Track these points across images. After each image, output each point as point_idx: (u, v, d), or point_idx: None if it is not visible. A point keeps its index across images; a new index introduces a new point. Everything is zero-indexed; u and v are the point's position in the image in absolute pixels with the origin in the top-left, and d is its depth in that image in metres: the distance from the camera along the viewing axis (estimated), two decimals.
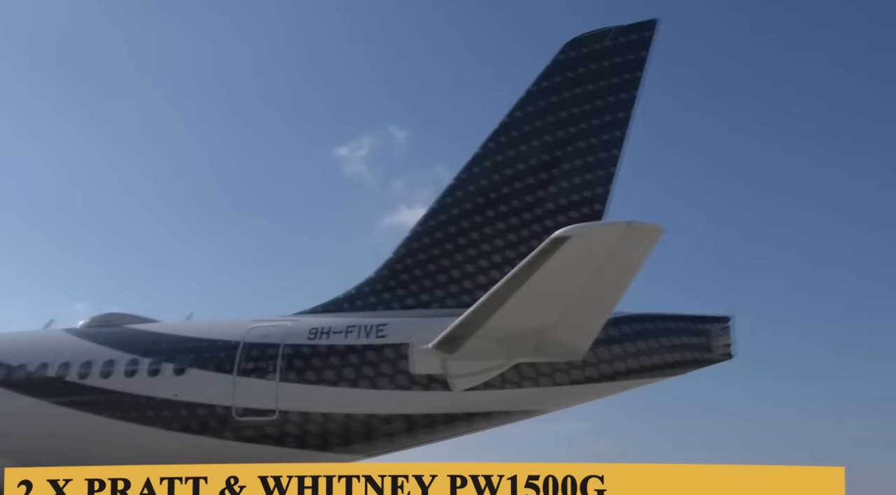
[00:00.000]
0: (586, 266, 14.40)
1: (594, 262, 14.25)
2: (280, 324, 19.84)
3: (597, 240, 14.08)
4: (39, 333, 23.34)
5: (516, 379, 18.16)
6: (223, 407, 18.98)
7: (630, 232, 13.29)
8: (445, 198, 20.56)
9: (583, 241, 13.82)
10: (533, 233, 19.36)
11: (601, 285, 14.87)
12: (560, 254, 13.81)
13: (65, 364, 20.42)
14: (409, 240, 20.53)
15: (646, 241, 13.70)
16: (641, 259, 14.19)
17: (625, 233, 13.34)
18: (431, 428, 19.26)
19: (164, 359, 19.82)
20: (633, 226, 13.18)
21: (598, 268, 14.32)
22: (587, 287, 14.90)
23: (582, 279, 14.74)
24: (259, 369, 19.02)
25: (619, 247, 13.68)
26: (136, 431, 19.45)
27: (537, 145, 20.21)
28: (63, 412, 20.07)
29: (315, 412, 18.85)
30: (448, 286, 19.76)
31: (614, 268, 14.33)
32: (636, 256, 14.10)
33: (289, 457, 19.39)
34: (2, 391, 20.60)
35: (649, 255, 14.03)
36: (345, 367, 18.71)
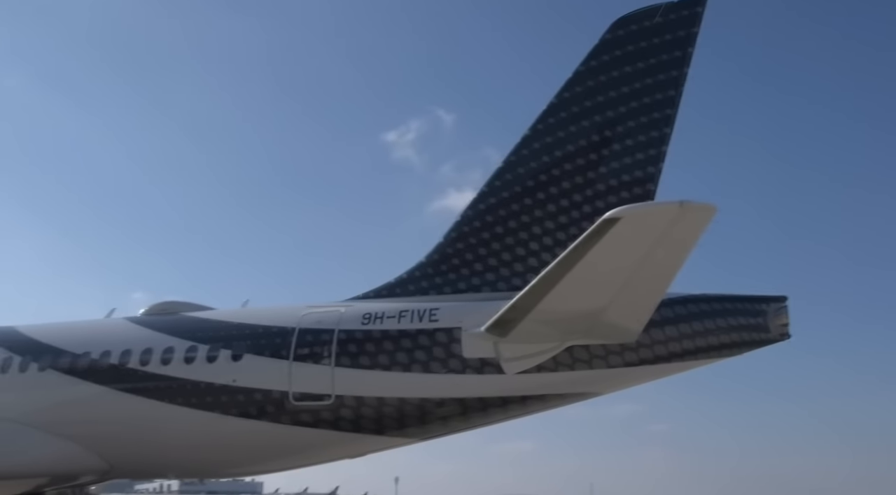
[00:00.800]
0: (638, 247, 14.26)
1: (646, 243, 14.11)
2: (334, 310, 20.10)
3: (649, 221, 13.92)
4: (102, 322, 24.04)
5: (569, 361, 18.13)
6: (280, 392, 19.33)
7: (682, 211, 13.11)
8: (495, 181, 20.53)
9: (634, 222, 13.68)
10: (584, 215, 19.24)
11: (654, 266, 14.72)
12: (611, 235, 13.70)
13: (126, 351, 21.02)
14: (459, 224, 20.58)
15: (699, 221, 13.51)
16: (694, 239, 14.00)
17: (677, 212, 13.16)
18: (485, 412, 19.35)
19: (222, 346, 20.26)
20: (686, 205, 12.99)
21: (650, 248, 14.18)
22: (639, 268, 14.77)
23: (634, 260, 14.62)
24: (314, 354, 19.31)
25: (672, 228, 13.51)
26: (196, 416, 19.94)
27: (587, 126, 20.03)
28: (126, 398, 20.69)
29: (369, 396, 19.08)
30: (499, 269, 19.77)
31: (667, 249, 14.18)
32: (689, 236, 13.92)
33: (344, 441, 19.73)
34: (68, 378, 21.33)
35: (702, 235, 13.84)
36: (398, 352, 18.89)
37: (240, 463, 22.56)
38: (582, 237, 14.18)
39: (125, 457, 21.62)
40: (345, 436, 19.50)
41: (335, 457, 21.83)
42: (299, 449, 20.46)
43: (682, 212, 13.11)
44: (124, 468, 22.63)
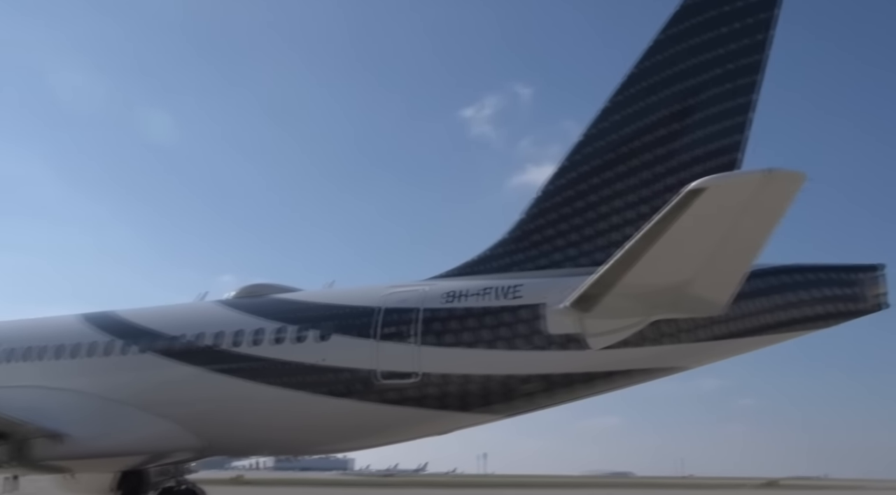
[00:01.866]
0: (724, 218, 13.95)
1: (732, 214, 13.78)
2: (417, 289, 20.31)
3: (734, 191, 13.57)
4: (195, 305, 24.85)
5: (654, 336, 17.89)
6: (367, 370, 19.67)
7: (770, 180, 12.73)
8: (574, 155, 20.32)
9: (720, 192, 13.37)
10: (667, 187, 18.87)
11: (741, 237, 14.39)
12: (696, 206, 13.43)
13: (218, 333, 21.74)
14: (539, 200, 20.47)
15: (787, 190, 13.10)
16: (783, 208, 13.59)
17: (764, 181, 12.80)
18: (570, 388, 19.30)
19: (310, 326, 20.74)
20: (773, 173, 12.61)
21: (736, 219, 13.85)
22: (726, 239, 14.46)
23: (720, 231, 14.31)
24: (399, 333, 19.57)
25: (759, 197, 13.15)
26: (286, 396, 20.48)
27: (668, 95, 19.58)
28: (219, 378, 21.39)
29: (454, 374, 19.24)
30: (581, 244, 19.62)
31: (754, 219, 13.82)
32: (777, 206, 13.52)
33: (430, 419, 19.98)
34: (165, 360, 22.19)
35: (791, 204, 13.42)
36: (481, 329, 18.97)
37: (330, 441, 23.08)
38: (665, 209, 13.94)
39: (220, 436, 22.37)
40: (431, 414, 19.74)
41: (422, 434, 22.13)
42: (387, 426, 20.81)
43: (770, 180, 12.74)
44: (220, 446, 23.44)
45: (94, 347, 23.25)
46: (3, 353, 24.55)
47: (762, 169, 12.74)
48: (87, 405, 22.28)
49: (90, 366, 23.10)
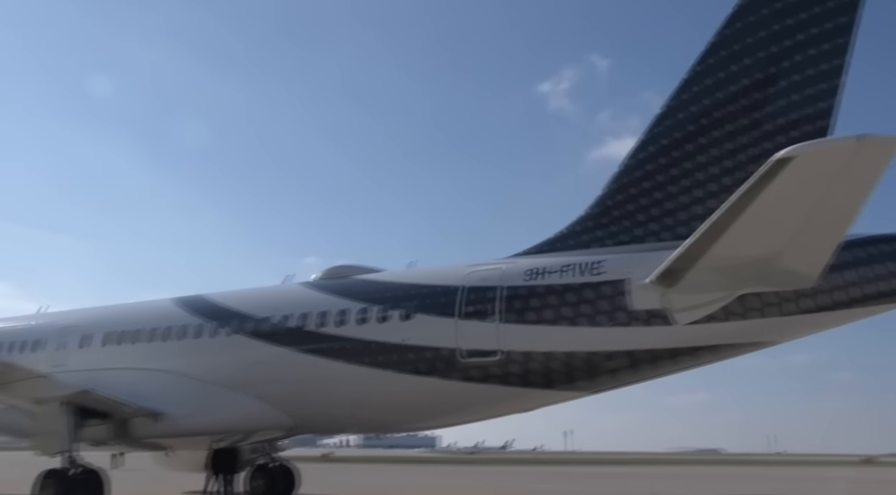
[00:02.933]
0: (813, 187, 13.48)
1: (822, 183, 13.30)
2: (497, 267, 20.33)
3: (824, 159, 13.10)
4: (280, 287, 25.45)
5: (741, 310, 17.49)
6: (449, 349, 19.83)
7: (861, 147, 12.24)
8: (654, 127, 19.94)
9: (808, 161, 12.92)
10: (751, 158, 18.34)
11: (831, 207, 13.89)
12: (783, 176, 13.02)
13: (304, 315, 22.22)
14: (619, 175, 20.19)
15: (880, 157, 12.55)
16: (875, 177, 13.04)
17: (855, 148, 12.31)
18: (654, 364, 19.07)
19: (392, 306, 21.00)
20: (865, 139, 12.11)
21: (826, 188, 13.37)
22: (815, 210, 13.98)
23: (809, 202, 13.84)
24: (480, 312, 19.64)
25: (850, 165, 12.66)
26: (371, 375, 20.82)
27: (750, 63, 18.99)
28: (305, 359, 21.87)
29: (537, 351, 19.22)
30: (663, 219, 19.28)
31: (845, 188, 13.32)
32: (869, 174, 12.99)
33: (514, 396, 20.04)
34: (253, 341, 22.82)
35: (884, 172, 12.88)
36: (563, 306, 18.88)
37: (415, 419, 23.38)
38: (752, 180, 13.57)
39: (308, 414, 22.91)
40: (514, 391, 19.79)
41: (506, 412, 22.22)
42: (470, 404, 20.97)
43: (861, 147, 12.25)
44: (308, 424, 24.02)
45: (186, 330, 24.09)
46: (103, 337, 25.65)
47: (854, 135, 12.25)
48: (182, 385, 23.13)
49: (183, 349, 23.94)
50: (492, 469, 70.80)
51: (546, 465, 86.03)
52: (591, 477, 54.79)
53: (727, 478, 53.95)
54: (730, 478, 53.89)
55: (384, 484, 40.51)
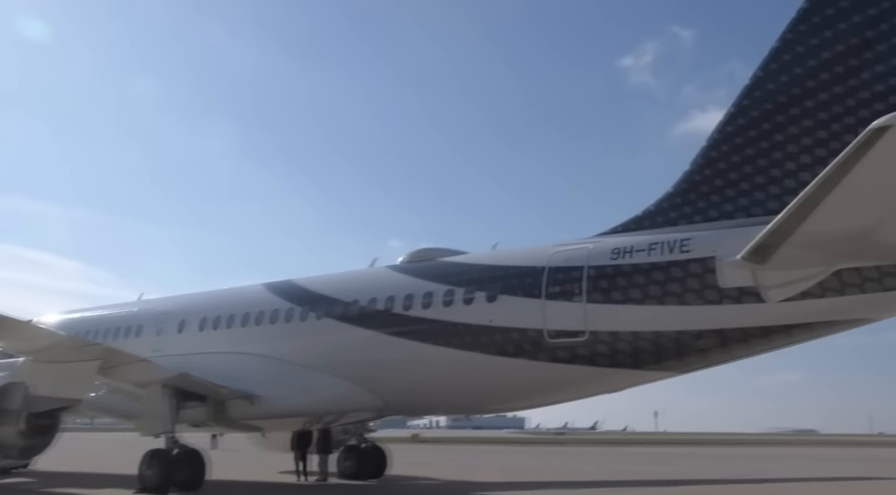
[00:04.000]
0: None
1: None
2: (582, 247, 20.15)
3: None
4: (366, 271, 25.84)
5: (837, 286, 16.87)
6: (535, 330, 19.79)
7: None
8: (743, 100, 19.35)
9: None
10: (846, 127, 17.63)
11: None
12: (881, 145, 12.43)
13: (390, 298, 22.52)
14: (706, 150, 19.69)
15: None
16: None
17: None
18: (746, 342, 18.61)
19: (477, 288, 21.07)
20: None
21: None
22: None
23: None
24: (565, 292, 19.52)
25: None
26: (457, 356, 20.95)
27: (844, 28, 18.20)
28: (393, 341, 22.19)
29: (624, 331, 19.01)
30: (753, 193, 18.73)
31: None
32: None
33: (601, 376, 19.88)
34: (341, 325, 23.27)
35: None
36: (650, 285, 18.60)
37: (501, 400, 23.44)
38: (847, 150, 13.02)
39: (396, 396, 23.23)
40: (601, 372, 19.63)
41: (593, 392, 22.07)
42: (557, 385, 20.89)
43: None
44: (397, 406, 24.35)
45: (277, 314, 24.71)
46: (198, 323, 26.56)
47: None
48: (275, 368, 23.77)
49: (274, 332, 24.58)
50: (580, 449, 70.52)
51: (636, 446, 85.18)
52: (682, 458, 53.98)
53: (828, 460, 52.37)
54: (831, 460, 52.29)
55: (472, 465, 40.82)
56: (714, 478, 31.38)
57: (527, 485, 26.49)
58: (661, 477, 32.20)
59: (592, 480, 29.87)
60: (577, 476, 32.94)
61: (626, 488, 26.23)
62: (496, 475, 32.41)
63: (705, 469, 39.24)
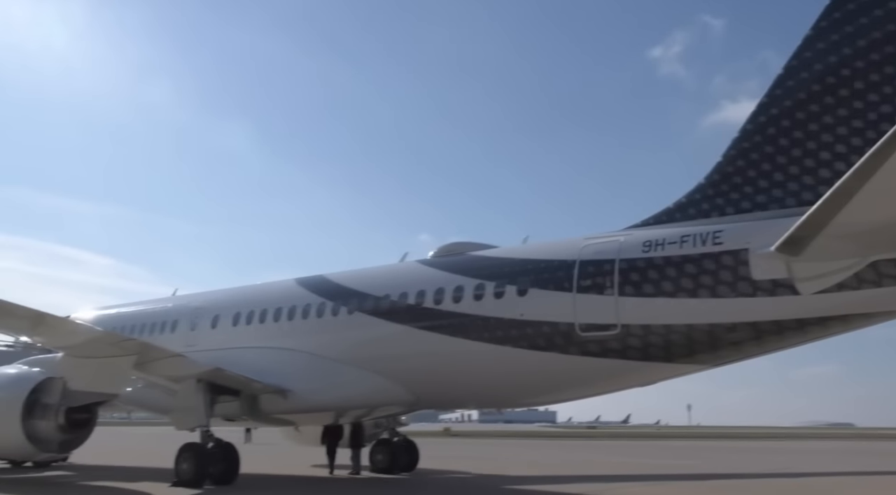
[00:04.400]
0: None
1: None
2: (613, 240, 20.05)
3: None
4: (397, 266, 25.93)
5: (874, 278, 16.60)
6: (566, 324, 19.74)
7: None
8: (775, 89, 19.11)
9: None
10: (882, 116, 17.35)
11: None
12: None
13: (421, 292, 22.59)
14: (738, 140, 19.48)
15: None
16: None
17: None
18: (780, 335, 18.41)
19: (507, 282, 21.06)
20: None
21: None
22: None
23: None
24: (596, 285, 19.44)
25: None
26: (488, 350, 20.96)
27: (881, 15, 17.89)
28: (424, 335, 22.24)
29: (656, 324, 18.88)
30: (787, 184, 18.50)
31: None
32: None
33: (633, 370, 19.78)
34: (372, 319, 23.36)
35: None
36: (682, 278, 18.46)
37: (532, 394, 23.41)
38: (883, 140, 12.81)
39: (428, 390, 23.29)
40: (633, 365, 19.53)
41: (625, 386, 21.96)
42: (589, 378, 20.82)
43: None
44: (428, 399, 24.42)
45: (308, 309, 24.88)
46: (231, 318, 26.82)
47: None
48: (306, 363, 23.94)
49: (306, 327, 24.75)
50: (612, 443, 70.29)
51: (668, 440, 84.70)
52: (716, 451, 53.57)
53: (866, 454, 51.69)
54: (869, 454, 51.60)
55: (503, 459, 40.85)
56: (749, 472, 31.10)
57: (558, 479, 26.44)
58: (694, 470, 31.99)
59: (625, 474, 29.74)
60: (608, 469, 32.82)
61: (659, 482, 26.09)
62: (527, 469, 32.40)
63: (740, 463, 38.91)
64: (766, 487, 24.48)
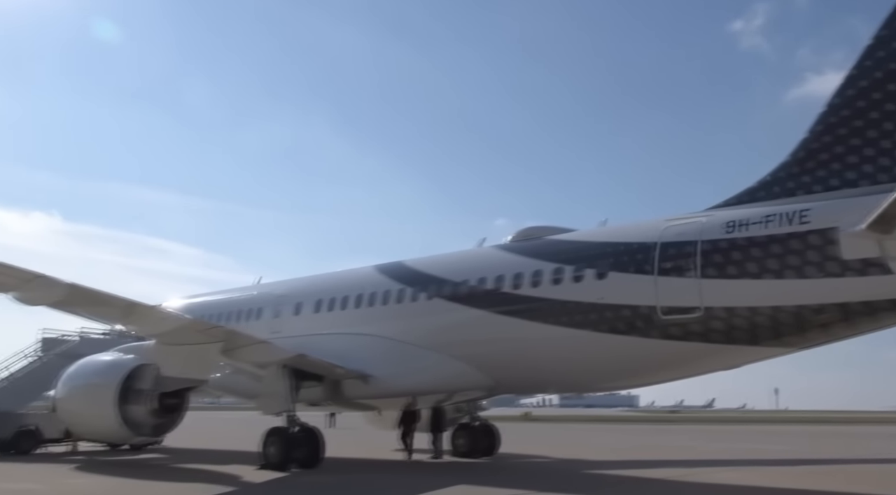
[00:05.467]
0: None
1: None
2: (694, 221, 19.65)
3: None
4: (475, 251, 25.96)
5: None
6: (647, 307, 19.48)
7: None
8: (864, 61, 18.39)
9: None
10: None
11: None
12: None
13: (499, 277, 22.59)
14: (825, 115, 18.83)
15: None
16: None
17: None
18: (873, 316, 17.78)
19: (586, 266, 20.88)
20: None
21: None
22: None
23: None
24: (678, 268, 19.11)
25: None
26: (567, 335, 20.85)
27: None
28: (502, 320, 22.26)
29: (740, 306, 18.47)
30: (878, 159, 17.80)
31: None
32: None
33: (716, 353, 19.40)
34: (451, 305, 23.50)
35: None
36: (767, 259, 18.00)
37: (613, 378, 23.20)
38: None
39: (507, 374, 23.31)
40: (717, 348, 19.17)
41: (708, 370, 21.59)
42: (671, 362, 20.52)
43: None
44: (508, 384, 24.45)
45: (388, 295, 25.16)
46: (313, 305, 27.33)
47: None
48: (387, 348, 24.24)
49: (386, 313, 25.04)
50: (695, 428, 69.10)
51: (754, 424, 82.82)
52: (804, 436, 52.13)
53: None
54: None
55: (584, 443, 40.63)
56: (839, 458, 30.20)
57: (640, 464, 26.16)
58: (781, 456, 31.21)
59: (709, 459, 29.23)
60: (691, 454, 32.32)
61: (747, 467, 25.55)
62: (608, 453, 32.16)
63: (832, 447, 37.84)
64: (863, 473, 23.70)
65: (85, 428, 28.24)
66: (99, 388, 25.93)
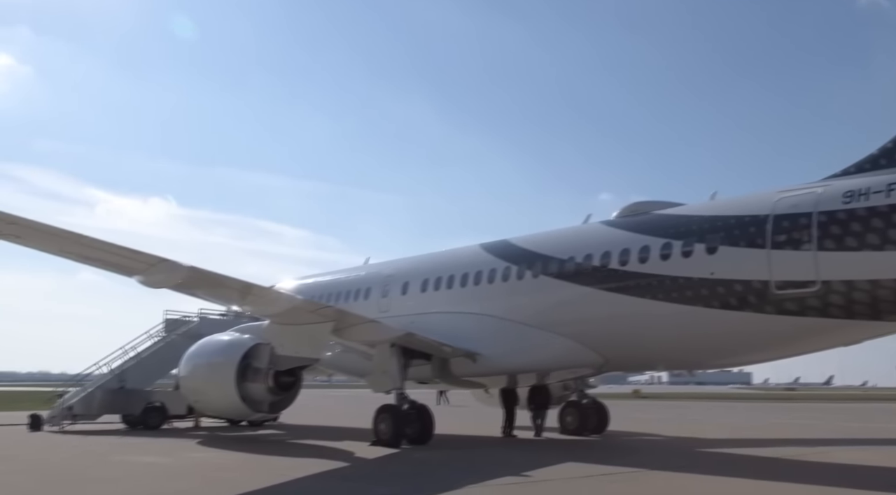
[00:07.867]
0: None
1: None
2: (810, 192, 18.94)
3: None
4: (580, 228, 25.74)
5: None
6: (760, 281, 18.95)
7: None
8: None
9: None
10: None
11: None
12: None
13: (606, 253, 22.38)
14: None
15: None
16: None
17: None
18: None
19: (696, 240, 20.44)
20: None
21: None
22: None
23: None
24: (793, 240, 18.50)
25: None
26: (677, 311, 20.51)
27: None
28: (610, 297, 22.08)
29: (861, 280, 17.73)
30: None
31: None
32: None
33: (835, 329, 18.72)
34: (557, 282, 23.45)
35: None
36: (890, 229, 17.19)
37: (725, 355, 22.71)
38: None
39: (617, 352, 23.13)
40: (835, 323, 18.49)
41: (826, 346, 20.84)
42: (786, 338, 19.91)
43: None
44: (617, 361, 24.24)
45: (494, 274, 25.30)
46: (420, 284, 27.75)
47: None
48: (494, 327, 24.41)
49: (493, 292, 25.20)
50: (813, 405, 66.72)
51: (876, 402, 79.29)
52: None
53: None
54: None
55: (696, 421, 39.88)
56: None
57: (755, 442, 25.48)
58: None
59: (829, 437, 28.25)
60: (809, 433, 31.27)
61: (869, 447, 24.58)
62: (721, 431, 31.48)
63: None
64: None
65: (206, 405, 29.61)
66: (219, 367, 27.14)
